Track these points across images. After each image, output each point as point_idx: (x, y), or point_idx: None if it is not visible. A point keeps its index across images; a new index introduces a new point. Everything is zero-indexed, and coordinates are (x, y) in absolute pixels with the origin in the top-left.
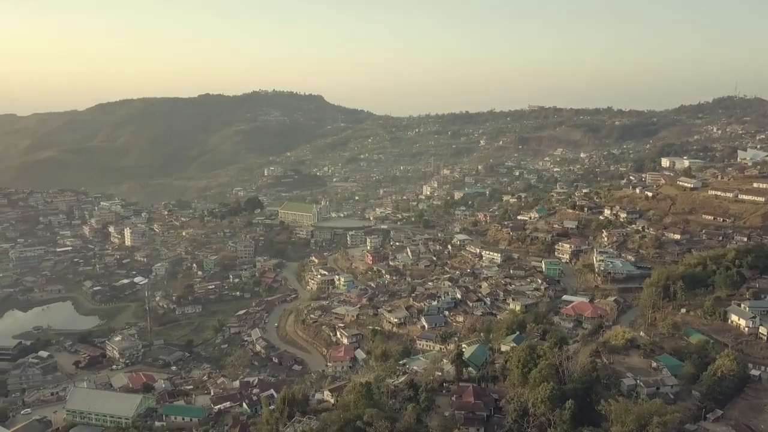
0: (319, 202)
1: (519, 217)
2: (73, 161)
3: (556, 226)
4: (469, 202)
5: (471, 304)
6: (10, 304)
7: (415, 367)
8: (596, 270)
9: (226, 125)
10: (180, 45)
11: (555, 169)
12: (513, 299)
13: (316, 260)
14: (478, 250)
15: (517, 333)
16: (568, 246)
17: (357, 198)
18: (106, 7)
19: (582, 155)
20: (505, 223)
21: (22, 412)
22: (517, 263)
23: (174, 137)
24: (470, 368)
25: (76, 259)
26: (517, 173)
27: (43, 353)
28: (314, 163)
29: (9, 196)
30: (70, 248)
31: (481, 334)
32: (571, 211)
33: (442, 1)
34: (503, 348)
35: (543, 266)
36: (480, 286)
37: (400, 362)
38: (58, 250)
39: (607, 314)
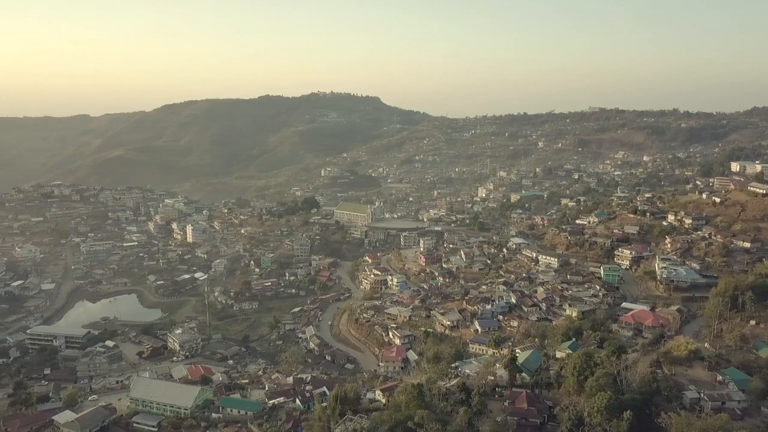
0: (374, 202)
1: (577, 222)
2: (140, 160)
3: (616, 231)
4: (526, 205)
5: (526, 309)
6: (81, 295)
7: (467, 371)
8: (658, 277)
9: (286, 126)
10: (242, 47)
11: (616, 173)
12: (570, 305)
13: (370, 260)
14: (534, 254)
15: (574, 340)
16: (628, 252)
17: (411, 199)
18: (174, 13)
19: (645, 158)
20: (563, 227)
21: (89, 398)
22: (574, 268)
23: (235, 137)
24: (524, 374)
25: (141, 254)
26: (576, 176)
27: (110, 343)
28: (369, 164)
29: (81, 192)
30: (136, 243)
31: (536, 339)
32: (632, 215)
33: (499, 3)
34: (558, 354)
35: (602, 272)
36: (535, 291)
37: (452, 365)
38: (125, 244)
39: (669, 324)
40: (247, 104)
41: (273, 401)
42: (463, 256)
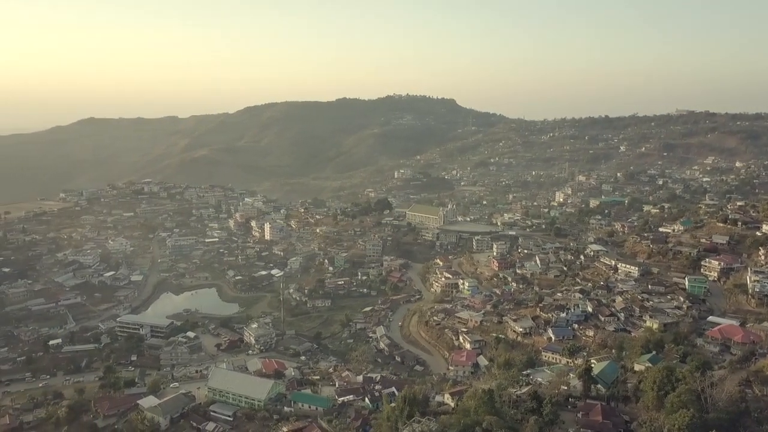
0: (446, 205)
1: (661, 229)
2: (223, 159)
3: (703, 240)
4: (606, 211)
5: (603, 319)
6: (166, 287)
7: (539, 379)
8: (750, 291)
9: (362, 128)
10: (322, 52)
11: (704, 179)
12: (650, 316)
13: (441, 263)
14: (613, 262)
15: (654, 353)
16: (716, 263)
17: (485, 202)
18: (257, 21)
19: (738, 164)
20: (645, 234)
21: (171, 386)
22: (656, 278)
23: (313, 139)
24: (599, 385)
25: (221, 250)
26: (661, 182)
27: (191, 334)
28: (443, 167)
29: (168, 190)
30: (217, 239)
31: (613, 350)
32: (721, 224)
33: (580, 5)
34: (637, 367)
35: (686, 283)
36: (614, 301)
37: (524, 372)
38: (207, 240)
39: (762, 341)
40: (325, 107)
41: (342, 399)
42: (538, 261)
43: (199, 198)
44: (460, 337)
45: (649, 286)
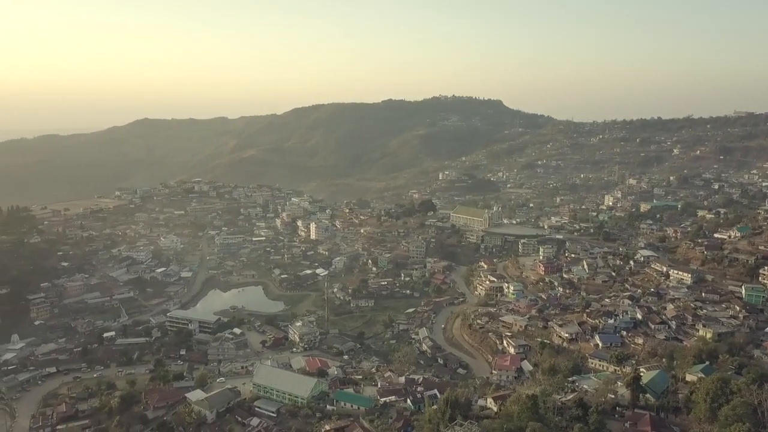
0: (492, 207)
1: (716, 236)
2: (270, 160)
3: (762, 247)
4: (657, 216)
5: (653, 327)
6: (214, 284)
7: (585, 386)
8: None
9: (407, 129)
10: (369, 54)
11: (764, 184)
12: (703, 325)
13: (486, 266)
14: (664, 269)
15: (707, 363)
16: None
17: (531, 205)
18: (305, 24)
19: None
20: (699, 240)
21: (217, 380)
22: (710, 286)
23: (358, 140)
24: (648, 395)
25: (268, 249)
26: (716, 186)
27: (237, 330)
28: (489, 168)
29: (218, 189)
30: (264, 238)
31: (663, 359)
32: None
33: (631, 4)
34: (689, 378)
35: (743, 292)
36: (664, 308)
37: (569, 379)
38: (254, 239)
39: None
40: (371, 108)
41: (385, 399)
42: (585, 266)
43: (247, 197)
44: (504, 341)
45: (703, 294)
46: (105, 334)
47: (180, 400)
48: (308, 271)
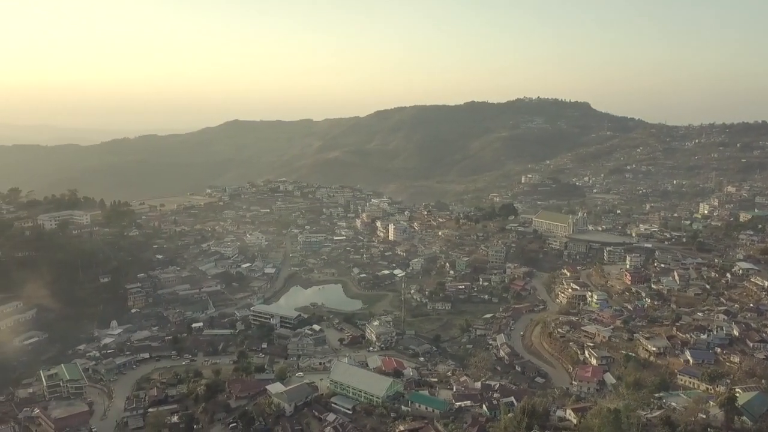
0: (576, 213)
1: None
2: (352, 161)
3: None
4: (759, 226)
5: (751, 345)
6: (295, 281)
7: (673, 404)
8: None
9: (488, 132)
10: (452, 55)
11: None
12: None
13: (568, 273)
14: (766, 283)
15: None
16: None
17: (619, 212)
18: (386, 27)
19: None
20: None
21: (296, 375)
22: None
23: (439, 142)
24: (744, 417)
25: (348, 248)
26: None
27: (316, 327)
28: (574, 173)
29: (302, 189)
30: (344, 238)
31: (762, 380)
32: None
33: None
34: None
35: None
36: (765, 325)
37: (656, 395)
38: (335, 238)
39: None
40: (453, 110)
41: (459, 403)
42: (676, 277)
43: (329, 197)
44: (586, 352)
45: None
46: (193, 325)
47: (261, 392)
48: (386, 272)
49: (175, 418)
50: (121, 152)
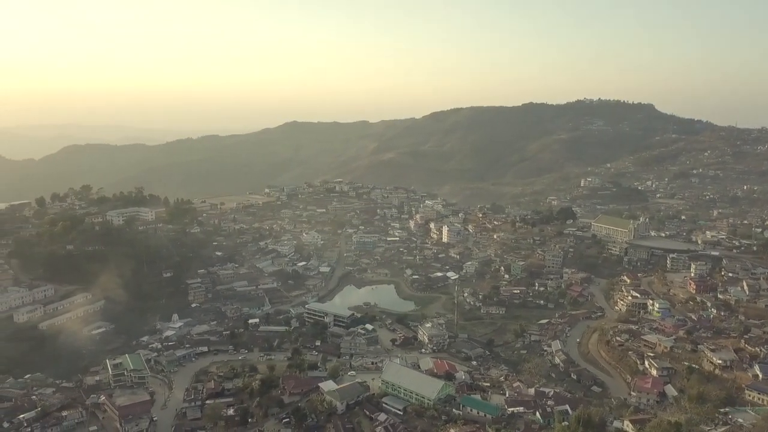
0: (638, 218)
1: None
2: (407, 163)
3: None
4: None
5: None
6: (349, 280)
7: (739, 420)
8: None
9: (547, 134)
10: (508, 56)
11: None
12: None
13: (628, 280)
14: None
15: None
16: None
17: (683, 217)
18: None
19: None
20: None
21: (348, 373)
22: None
23: (495, 144)
24: None
25: (401, 249)
26: None
27: (369, 326)
28: (636, 176)
29: (357, 189)
30: (397, 239)
31: None
32: None
33: None
34: None
35: None
36: None
37: (721, 410)
38: (388, 239)
39: None
40: (510, 112)
41: (512, 409)
42: (745, 287)
43: (383, 198)
44: (646, 362)
45: None
46: (250, 321)
47: (313, 389)
48: (439, 274)
49: (230, 411)
50: (185, 152)
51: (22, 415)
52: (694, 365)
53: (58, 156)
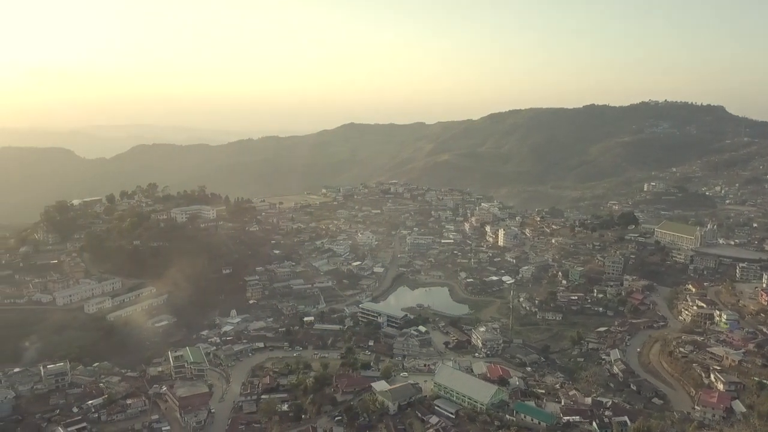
0: (705, 224)
1: None
2: (463, 164)
3: None
4: None
5: None
6: (402, 281)
7: None
8: None
9: (609, 136)
10: (568, 57)
11: None
12: None
13: (694, 289)
14: None
15: None
16: None
17: (755, 225)
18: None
19: None
20: None
21: (401, 374)
22: None
23: (554, 147)
24: None
25: (455, 251)
26: None
27: (422, 328)
28: (704, 181)
29: (411, 191)
30: (452, 241)
31: None
32: None
33: None
34: None
35: None
36: None
37: None
38: (443, 241)
39: None
40: (570, 113)
41: (568, 418)
42: None
43: (438, 200)
44: (712, 375)
45: None
46: (305, 318)
47: (366, 388)
48: (494, 278)
49: (285, 407)
50: (246, 153)
51: (90, 402)
52: (765, 380)
53: (128, 155)
